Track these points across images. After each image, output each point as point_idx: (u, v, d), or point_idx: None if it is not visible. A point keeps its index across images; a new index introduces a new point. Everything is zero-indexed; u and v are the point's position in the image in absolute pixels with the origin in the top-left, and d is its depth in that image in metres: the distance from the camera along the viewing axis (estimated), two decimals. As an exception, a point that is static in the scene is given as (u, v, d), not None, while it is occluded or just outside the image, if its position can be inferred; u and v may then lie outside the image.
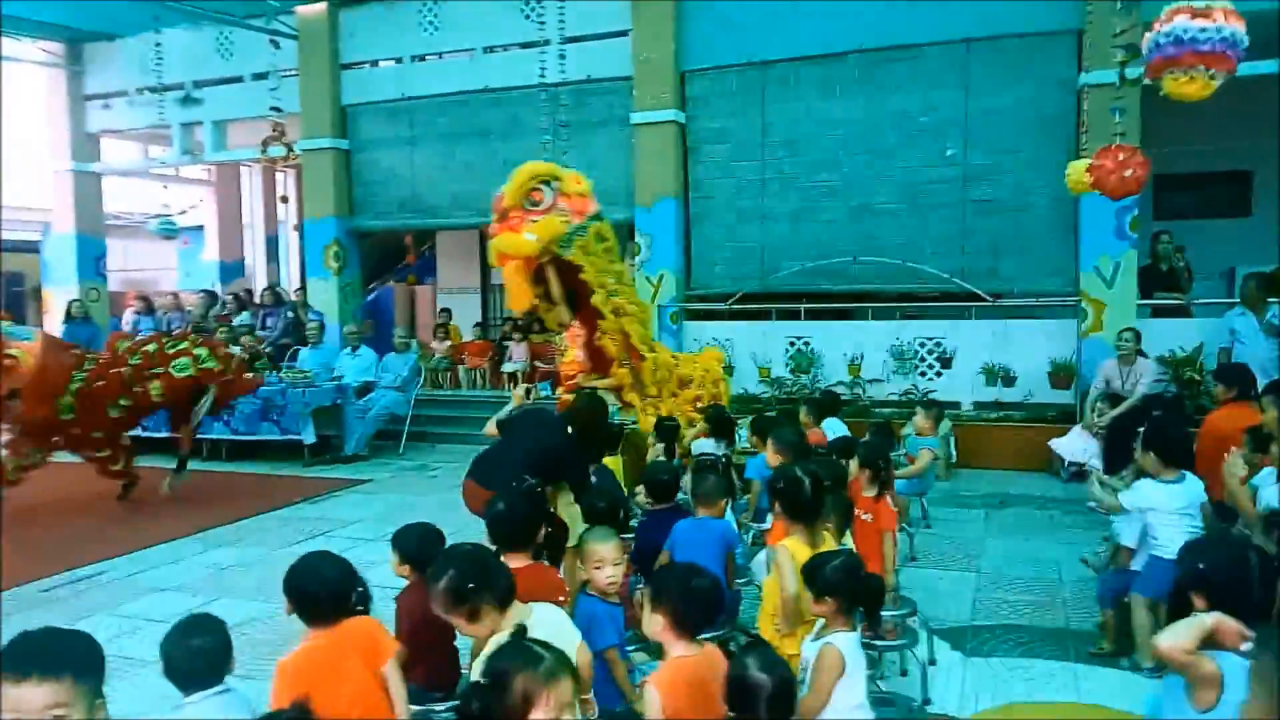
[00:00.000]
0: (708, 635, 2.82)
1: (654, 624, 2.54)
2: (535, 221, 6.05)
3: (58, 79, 13.06)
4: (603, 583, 3.05)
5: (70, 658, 1.79)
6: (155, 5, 10.13)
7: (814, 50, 9.60)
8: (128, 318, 13.02)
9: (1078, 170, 6.08)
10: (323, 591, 2.79)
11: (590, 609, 3.07)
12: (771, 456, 4.47)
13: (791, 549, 3.07)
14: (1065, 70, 8.74)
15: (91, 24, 12.24)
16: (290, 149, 8.59)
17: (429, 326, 13.79)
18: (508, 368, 11.53)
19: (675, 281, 10.04)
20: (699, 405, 6.78)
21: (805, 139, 9.81)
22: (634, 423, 7.00)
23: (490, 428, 5.10)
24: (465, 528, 4.87)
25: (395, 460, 9.76)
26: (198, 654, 2.46)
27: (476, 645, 2.63)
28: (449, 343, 12.40)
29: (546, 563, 3.42)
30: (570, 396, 6.76)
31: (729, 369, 9.62)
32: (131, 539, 6.68)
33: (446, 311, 13.14)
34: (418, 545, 3.36)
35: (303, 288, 12.56)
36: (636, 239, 10.23)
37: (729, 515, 4.29)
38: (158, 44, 10.80)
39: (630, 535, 4.31)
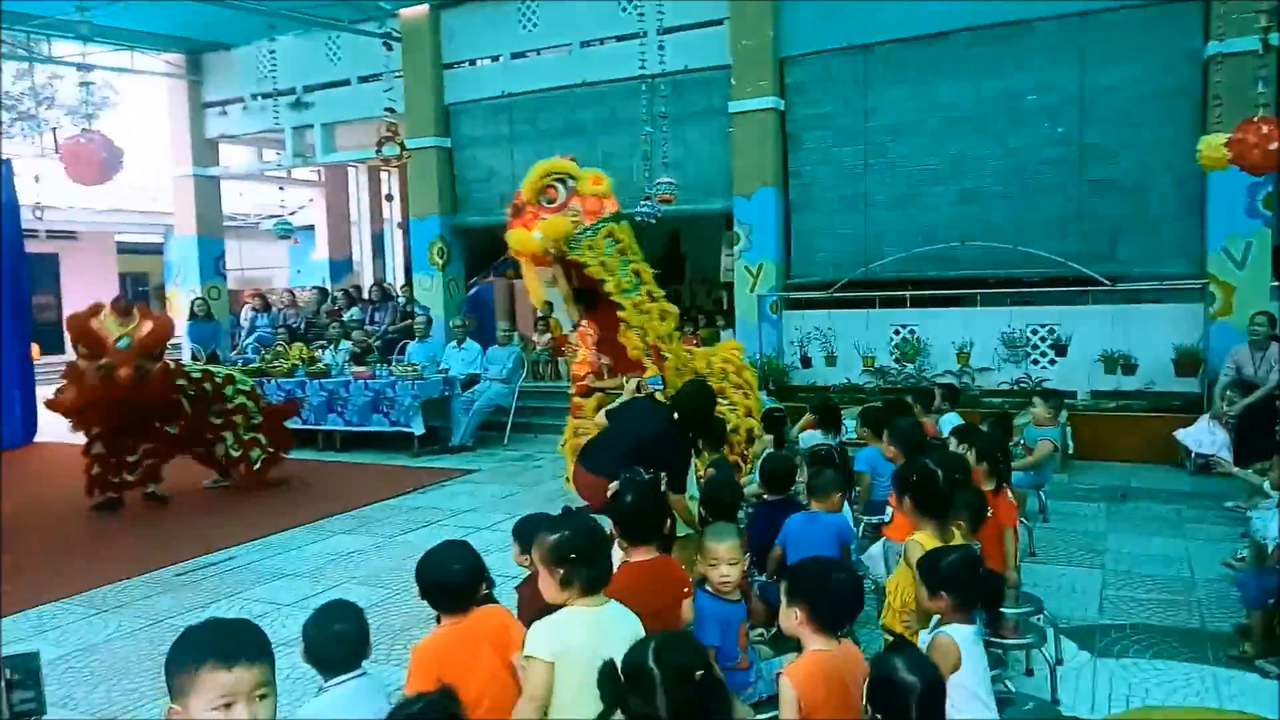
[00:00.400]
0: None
1: (790, 618, 2.52)
2: (544, 220, 6.09)
3: (178, 89, 13.74)
4: (715, 580, 3.03)
5: (260, 643, 1.88)
6: (269, 14, 10.52)
7: (918, 31, 9.36)
8: (245, 314, 13.63)
9: (1212, 145, 5.75)
10: (453, 580, 2.82)
11: (699, 607, 3.06)
12: (888, 449, 4.38)
13: (923, 543, 3.00)
14: (1190, 41, 8.28)
15: (209, 35, 12.83)
16: (403, 148, 8.85)
17: (529, 320, 13.99)
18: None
19: (775, 270, 9.94)
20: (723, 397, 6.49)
21: (909, 123, 9.57)
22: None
23: (599, 417, 5.17)
24: (578, 519, 4.90)
25: (500, 451, 9.95)
26: (339, 639, 2.54)
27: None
28: (550, 336, 12.55)
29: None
30: (581, 399, 6.92)
31: (831, 358, 9.49)
32: (255, 527, 6.98)
33: (549, 304, 13.30)
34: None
35: (408, 283, 12.91)
36: (735, 228, 10.17)
37: (845, 509, 4.23)
38: (271, 51, 11.25)
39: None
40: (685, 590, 3.03)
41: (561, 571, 2.57)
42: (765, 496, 4.37)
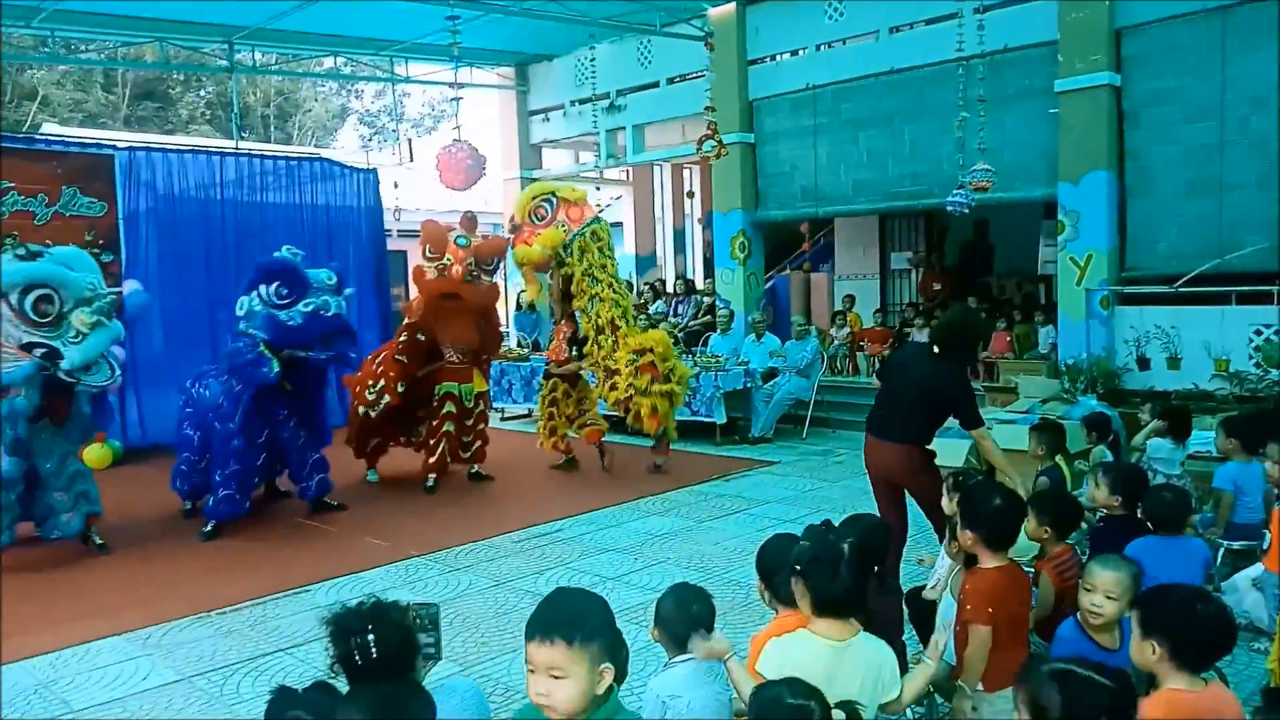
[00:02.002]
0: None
1: (1146, 652, 2.31)
2: (540, 234, 7.95)
3: (508, 99, 15.07)
4: (1085, 605, 2.82)
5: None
6: (590, 24, 11.25)
7: (1291, -15, 8.10)
8: (563, 306, 14.68)
9: None
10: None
11: (1060, 635, 2.87)
12: (1272, 468, 3.85)
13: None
14: None
15: (536, 48, 13.95)
16: (721, 144, 9.13)
17: (824, 313, 13.89)
18: (910, 355, 11.24)
19: (1107, 262, 9.06)
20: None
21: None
22: (1060, 418, 6.54)
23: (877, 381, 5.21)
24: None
25: (799, 444, 9.97)
26: (694, 621, 2.64)
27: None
28: (848, 330, 12.39)
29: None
30: (544, 379, 8.84)
31: (1174, 360, 8.52)
32: (578, 503, 7.55)
33: (850, 298, 13.14)
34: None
35: (710, 276, 13.28)
36: (1060, 217, 9.40)
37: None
38: (592, 60, 12.00)
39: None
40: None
41: (798, 585, 2.49)
42: (1110, 513, 4.00)
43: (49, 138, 11.76)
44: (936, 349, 4.63)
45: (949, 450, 5.50)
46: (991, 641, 2.81)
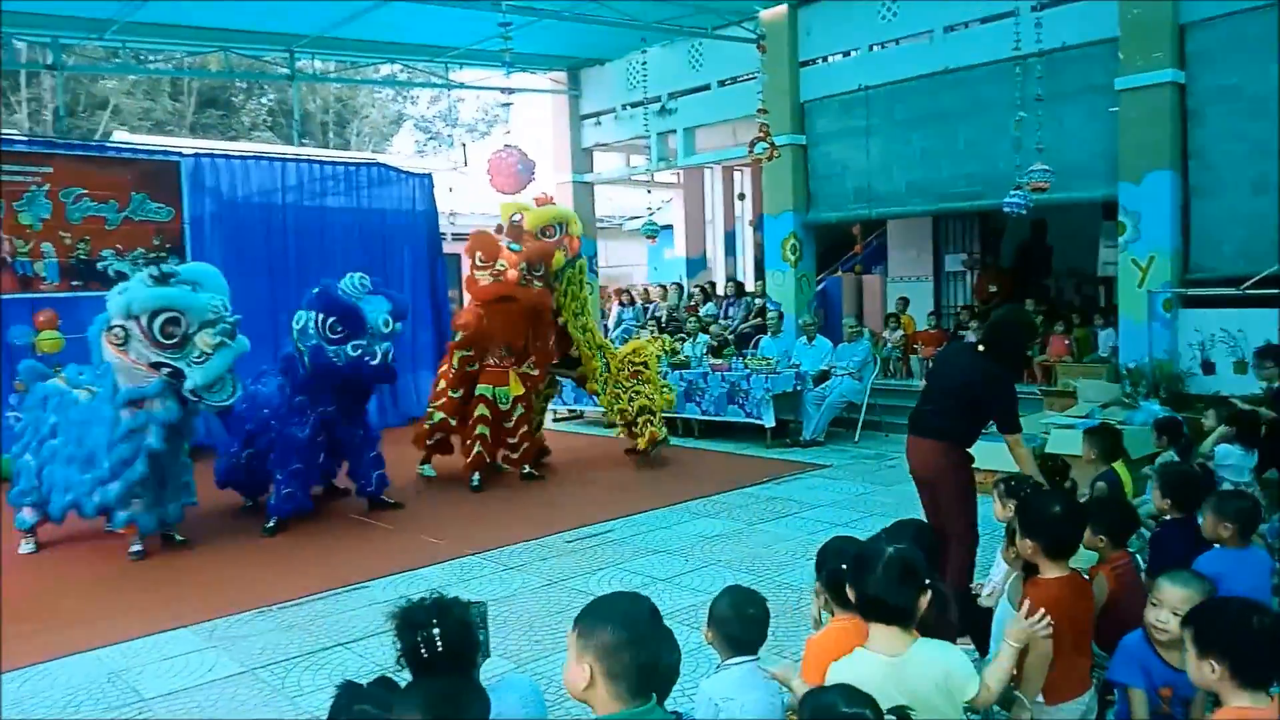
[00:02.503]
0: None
1: (1204, 671, 2.20)
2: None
3: (560, 103, 15.19)
4: (1149, 619, 2.73)
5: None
6: (643, 28, 11.29)
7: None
8: (614, 309, 14.77)
9: None
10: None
11: (1125, 643, 2.80)
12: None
13: None
14: None
15: (589, 52, 14.05)
16: (773, 146, 9.13)
17: (876, 315, 13.75)
18: (964, 358, 11.07)
19: (1170, 264, 8.84)
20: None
21: (1356, 86, 8.04)
22: (1121, 423, 6.42)
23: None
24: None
25: (851, 448, 9.90)
26: (750, 623, 2.66)
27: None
28: (901, 332, 12.25)
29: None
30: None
31: (1241, 364, 8.29)
32: (628, 503, 7.59)
33: (904, 300, 13.00)
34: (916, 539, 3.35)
35: (760, 278, 13.24)
36: (1120, 217, 9.20)
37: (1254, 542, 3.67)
38: (643, 63, 12.05)
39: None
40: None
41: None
42: (1169, 516, 3.91)
43: (119, 145, 12.19)
44: (982, 348, 4.60)
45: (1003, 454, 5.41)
46: (1052, 654, 2.77)
